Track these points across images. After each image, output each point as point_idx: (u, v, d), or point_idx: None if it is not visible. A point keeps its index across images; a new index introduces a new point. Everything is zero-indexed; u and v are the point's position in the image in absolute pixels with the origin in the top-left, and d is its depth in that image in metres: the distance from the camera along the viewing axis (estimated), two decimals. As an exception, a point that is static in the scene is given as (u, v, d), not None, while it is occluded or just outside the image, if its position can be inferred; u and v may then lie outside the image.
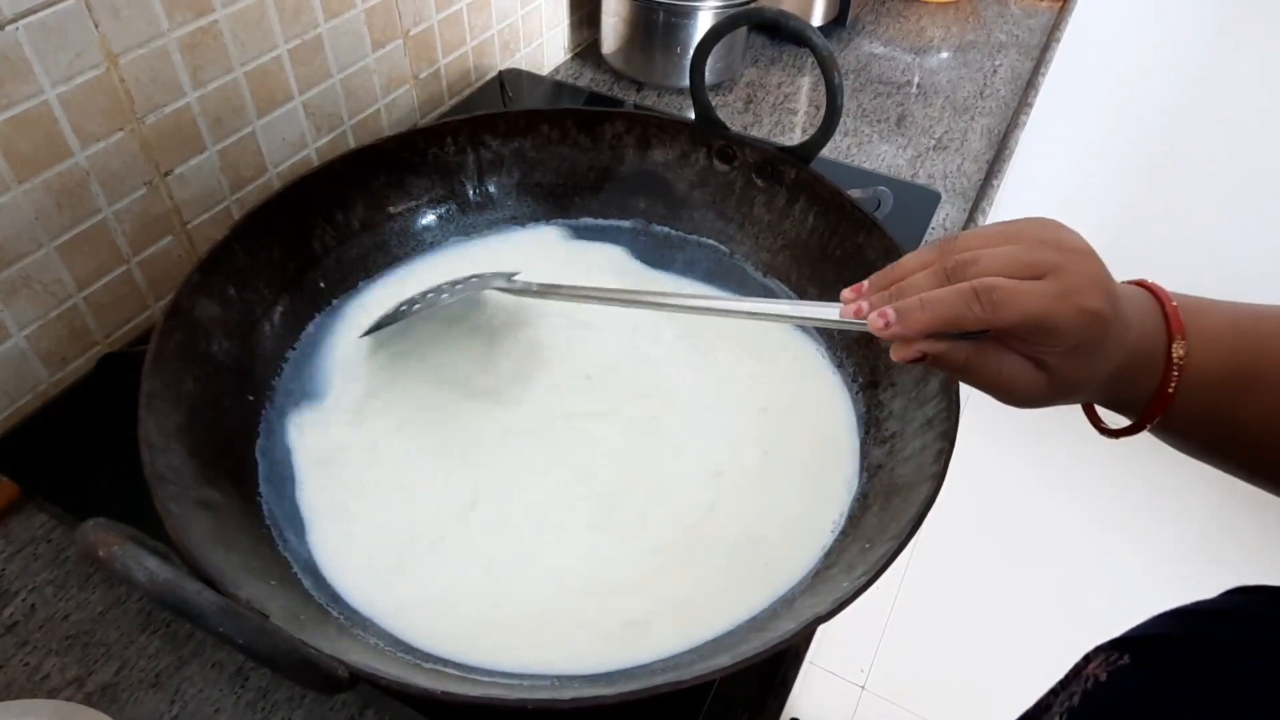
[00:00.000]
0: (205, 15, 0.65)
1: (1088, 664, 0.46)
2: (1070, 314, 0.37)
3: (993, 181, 0.97)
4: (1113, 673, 0.43)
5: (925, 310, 0.38)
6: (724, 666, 0.41)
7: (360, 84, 0.83)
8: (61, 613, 0.57)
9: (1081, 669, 0.46)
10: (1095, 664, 0.45)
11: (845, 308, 0.42)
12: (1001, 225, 0.41)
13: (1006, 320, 0.37)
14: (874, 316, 0.40)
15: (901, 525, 0.48)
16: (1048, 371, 0.40)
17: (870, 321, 0.40)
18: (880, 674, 1.59)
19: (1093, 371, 0.40)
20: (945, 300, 0.38)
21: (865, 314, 0.41)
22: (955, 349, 0.40)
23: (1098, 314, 0.37)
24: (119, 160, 0.64)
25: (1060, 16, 1.34)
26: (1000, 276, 0.37)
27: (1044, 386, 0.40)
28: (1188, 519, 1.85)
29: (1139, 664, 0.42)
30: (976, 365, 0.40)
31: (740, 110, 1.07)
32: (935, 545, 1.73)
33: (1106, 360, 0.40)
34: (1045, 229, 0.40)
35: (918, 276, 0.40)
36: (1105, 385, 0.42)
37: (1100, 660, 0.45)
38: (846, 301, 0.43)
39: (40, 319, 0.62)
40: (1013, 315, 0.37)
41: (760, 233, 0.72)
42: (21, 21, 0.54)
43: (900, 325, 0.39)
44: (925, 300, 0.38)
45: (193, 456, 0.49)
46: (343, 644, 0.44)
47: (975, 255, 0.39)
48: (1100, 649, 0.46)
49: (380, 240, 0.69)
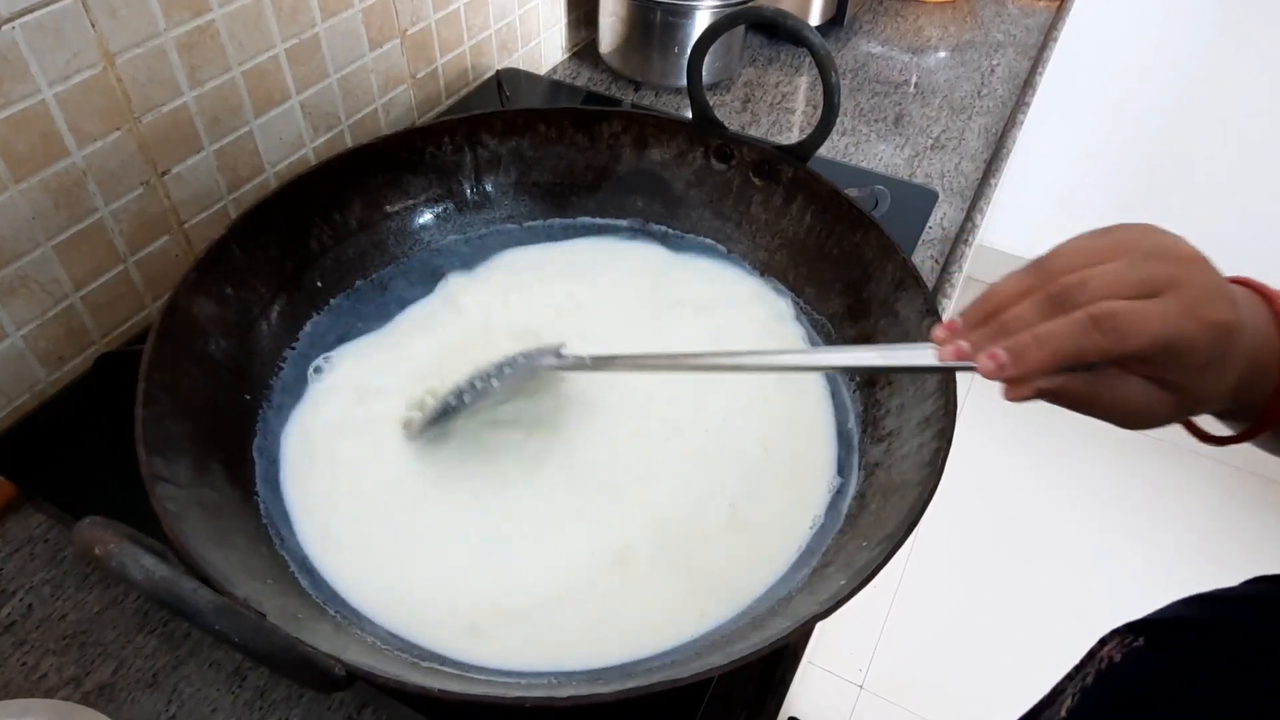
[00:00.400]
0: (202, 14, 0.65)
1: (1102, 646, 0.45)
2: (1199, 330, 0.34)
3: (990, 181, 0.98)
4: (1127, 654, 0.43)
5: (1042, 347, 0.35)
6: (721, 664, 0.41)
7: (358, 83, 0.83)
8: (59, 613, 0.57)
9: (1096, 652, 0.45)
10: (1110, 646, 0.44)
11: (944, 349, 0.38)
12: (1097, 236, 0.38)
13: (1132, 347, 0.34)
14: (983, 359, 0.36)
15: (898, 524, 0.48)
16: (1174, 391, 0.37)
17: (980, 364, 0.36)
18: (879, 673, 1.59)
19: (1221, 384, 0.37)
20: (1062, 333, 0.35)
21: (968, 355, 0.37)
22: (1073, 381, 0.37)
23: (1227, 325, 0.35)
24: (116, 160, 0.64)
25: (1058, 16, 1.34)
26: (1115, 299, 0.34)
27: (1170, 407, 0.37)
28: (1187, 519, 1.86)
29: (1155, 647, 0.42)
30: (1098, 396, 0.37)
31: (738, 109, 1.07)
32: (933, 544, 1.73)
33: (1232, 370, 0.37)
34: (1147, 236, 0.37)
35: (1021, 307, 0.37)
36: (1228, 396, 0.39)
37: (1115, 643, 0.44)
38: (941, 341, 0.39)
39: (38, 318, 0.62)
40: (1139, 341, 0.34)
41: (757, 231, 0.72)
42: (18, 21, 0.54)
43: (1016, 366, 0.35)
44: (1039, 336, 0.35)
45: (189, 456, 0.49)
46: (340, 642, 0.44)
47: (1082, 277, 0.35)
48: (1116, 632, 0.45)
49: (378, 239, 0.69)
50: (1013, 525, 1.84)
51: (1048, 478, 1.93)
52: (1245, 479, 1.91)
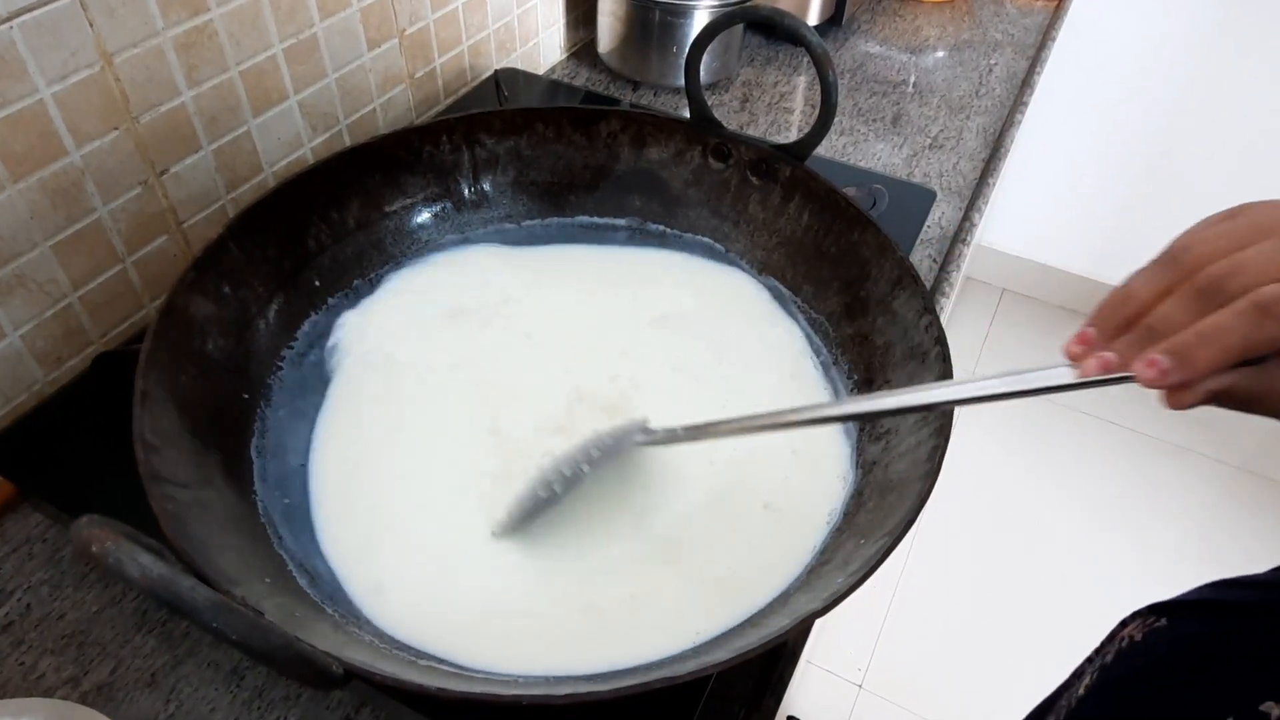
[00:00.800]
0: (200, 14, 0.65)
1: (1124, 628, 0.45)
2: None
3: (988, 180, 0.98)
4: (1149, 633, 0.42)
5: (1209, 345, 0.32)
6: (719, 661, 0.41)
7: (356, 83, 0.83)
8: (57, 612, 0.57)
9: (1117, 633, 0.45)
10: (1132, 626, 0.44)
11: (1087, 365, 0.35)
12: (1227, 219, 0.35)
13: None
14: (1141, 368, 0.33)
15: (896, 521, 0.48)
16: None
17: (1140, 374, 0.33)
18: (878, 672, 1.59)
19: None
20: (1228, 326, 0.32)
21: (1118, 366, 0.35)
22: (1242, 378, 0.34)
23: None
24: (114, 159, 0.64)
25: (1055, 16, 1.34)
26: (1275, 283, 0.31)
27: None
28: (1187, 518, 1.86)
29: (1177, 626, 0.42)
30: (1269, 389, 0.34)
31: (736, 109, 1.07)
32: (932, 543, 1.74)
33: None
34: (1269, 210, 0.34)
35: (1168, 306, 0.34)
36: None
37: (1137, 624, 0.44)
38: (1076, 357, 0.36)
39: (35, 318, 0.62)
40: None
41: (755, 230, 0.72)
42: (15, 20, 0.54)
43: (1183, 370, 0.32)
44: (1204, 333, 0.32)
45: (187, 455, 0.49)
46: (338, 641, 0.44)
47: (1232, 265, 0.33)
48: (1137, 614, 0.45)
49: (376, 239, 0.69)
50: (1011, 523, 1.85)
51: (1046, 476, 1.93)
52: (1245, 478, 1.91)
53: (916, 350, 0.59)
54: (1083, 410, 2.01)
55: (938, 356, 0.56)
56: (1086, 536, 1.83)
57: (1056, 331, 2.20)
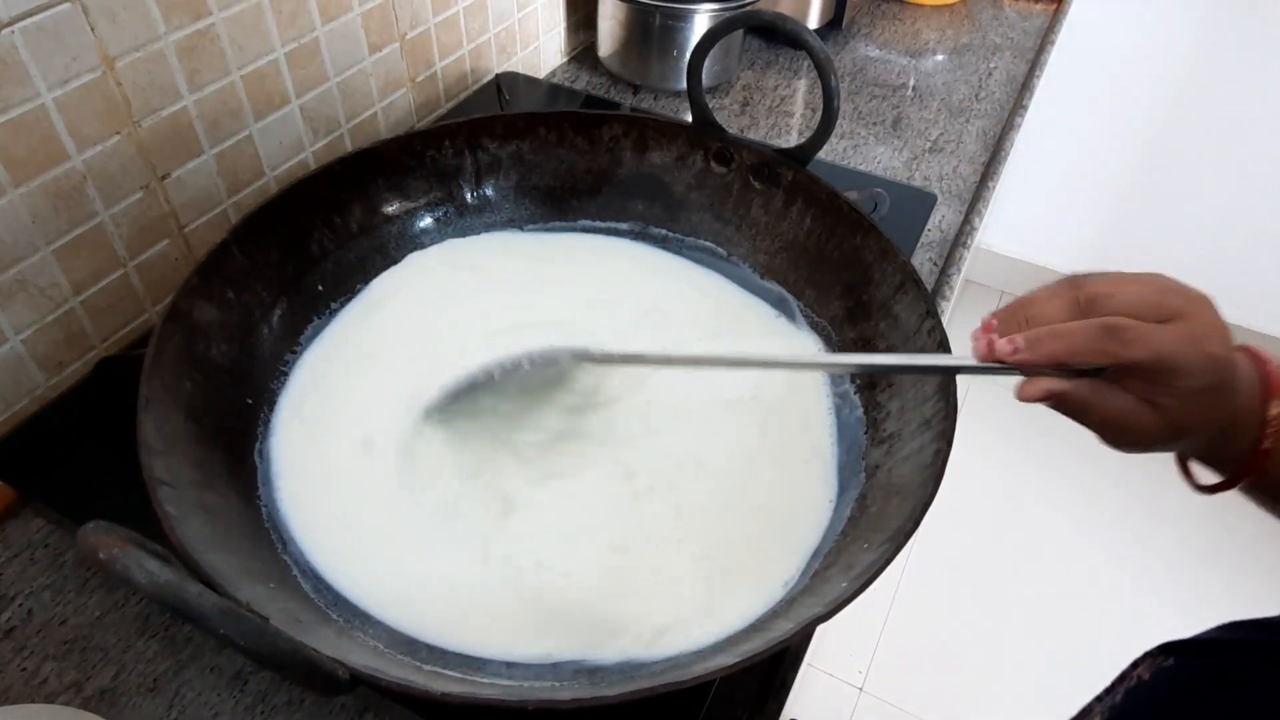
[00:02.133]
0: (202, 19, 0.65)
1: (1134, 668, 0.46)
2: (1197, 357, 0.39)
3: (988, 183, 0.98)
4: (1157, 673, 0.43)
5: (1054, 340, 0.40)
6: (724, 666, 0.41)
7: (357, 87, 0.83)
8: (59, 617, 0.57)
9: (1128, 673, 0.46)
10: (1141, 668, 0.45)
11: (976, 345, 0.43)
12: (1125, 273, 0.42)
13: (1135, 357, 0.38)
14: (1003, 342, 0.41)
15: (899, 525, 0.48)
16: (1163, 414, 0.41)
17: (999, 347, 0.41)
18: (878, 676, 1.59)
19: (1206, 419, 0.41)
20: (1078, 332, 0.39)
21: (997, 348, 0.42)
22: (1078, 387, 0.41)
23: (1222, 360, 0.39)
24: (116, 164, 0.64)
25: (1054, 19, 1.35)
26: (1131, 317, 0.39)
27: (1158, 429, 0.41)
28: (1184, 523, 1.86)
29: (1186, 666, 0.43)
30: (1096, 404, 0.41)
31: (737, 113, 1.07)
32: (933, 548, 1.74)
33: (1219, 411, 0.41)
34: (1169, 279, 0.41)
35: (1050, 306, 0.42)
36: (1209, 438, 0.44)
37: (1147, 664, 0.45)
38: (975, 339, 0.43)
39: (37, 323, 0.62)
40: (1142, 353, 0.38)
41: (758, 234, 0.72)
42: (17, 25, 0.54)
43: (1029, 351, 0.40)
44: (1056, 330, 0.40)
45: (191, 459, 0.49)
46: (343, 646, 0.44)
47: (1110, 291, 0.40)
48: (1148, 654, 0.46)
49: (379, 243, 0.69)
50: (1012, 527, 1.85)
51: (1047, 482, 1.94)
52: (1243, 482, 1.91)
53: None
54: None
55: (940, 361, 0.56)
56: (1086, 541, 1.83)
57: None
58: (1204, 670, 0.41)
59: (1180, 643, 0.45)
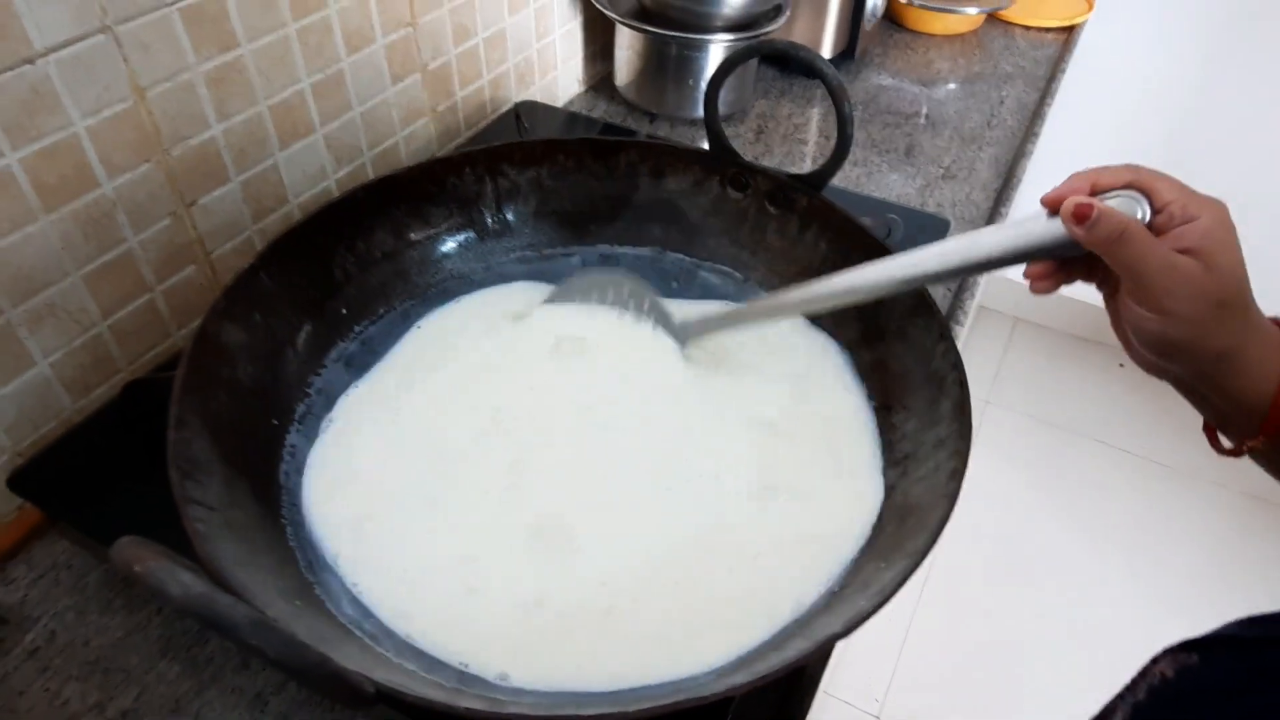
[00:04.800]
0: (231, 50, 0.67)
1: (1155, 664, 0.45)
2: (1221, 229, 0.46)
3: (1001, 210, 0.99)
4: (1181, 671, 0.43)
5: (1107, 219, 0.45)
6: (742, 683, 0.41)
7: (380, 117, 0.85)
8: (82, 638, 0.57)
9: (1149, 669, 0.46)
10: (1163, 664, 0.45)
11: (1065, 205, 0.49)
12: None
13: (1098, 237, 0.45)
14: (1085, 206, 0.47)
15: (916, 545, 0.48)
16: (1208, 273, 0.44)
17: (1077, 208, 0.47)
18: (895, 702, 1.57)
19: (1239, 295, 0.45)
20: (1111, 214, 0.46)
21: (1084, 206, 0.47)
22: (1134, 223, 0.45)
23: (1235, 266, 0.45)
24: (145, 191, 0.65)
25: (1065, 48, 1.36)
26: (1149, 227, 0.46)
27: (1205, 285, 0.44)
28: (1200, 545, 1.84)
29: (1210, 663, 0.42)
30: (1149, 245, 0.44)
31: (751, 141, 1.09)
32: (947, 571, 1.73)
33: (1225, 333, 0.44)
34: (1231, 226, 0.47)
35: None
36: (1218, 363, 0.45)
37: (1168, 660, 0.44)
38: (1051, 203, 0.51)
39: (65, 347, 0.63)
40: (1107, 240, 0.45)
41: (773, 259, 0.73)
42: (52, 55, 0.56)
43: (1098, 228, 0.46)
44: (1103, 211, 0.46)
45: (218, 479, 0.50)
46: (366, 662, 0.44)
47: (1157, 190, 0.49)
48: (1169, 650, 0.45)
49: (401, 268, 0.70)
50: (1026, 551, 1.84)
51: (1061, 503, 1.93)
52: (1258, 506, 1.89)
53: (934, 376, 0.59)
54: (1097, 438, 1.99)
55: (954, 382, 0.57)
56: (1103, 562, 1.81)
57: (1070, 360, 2.20)
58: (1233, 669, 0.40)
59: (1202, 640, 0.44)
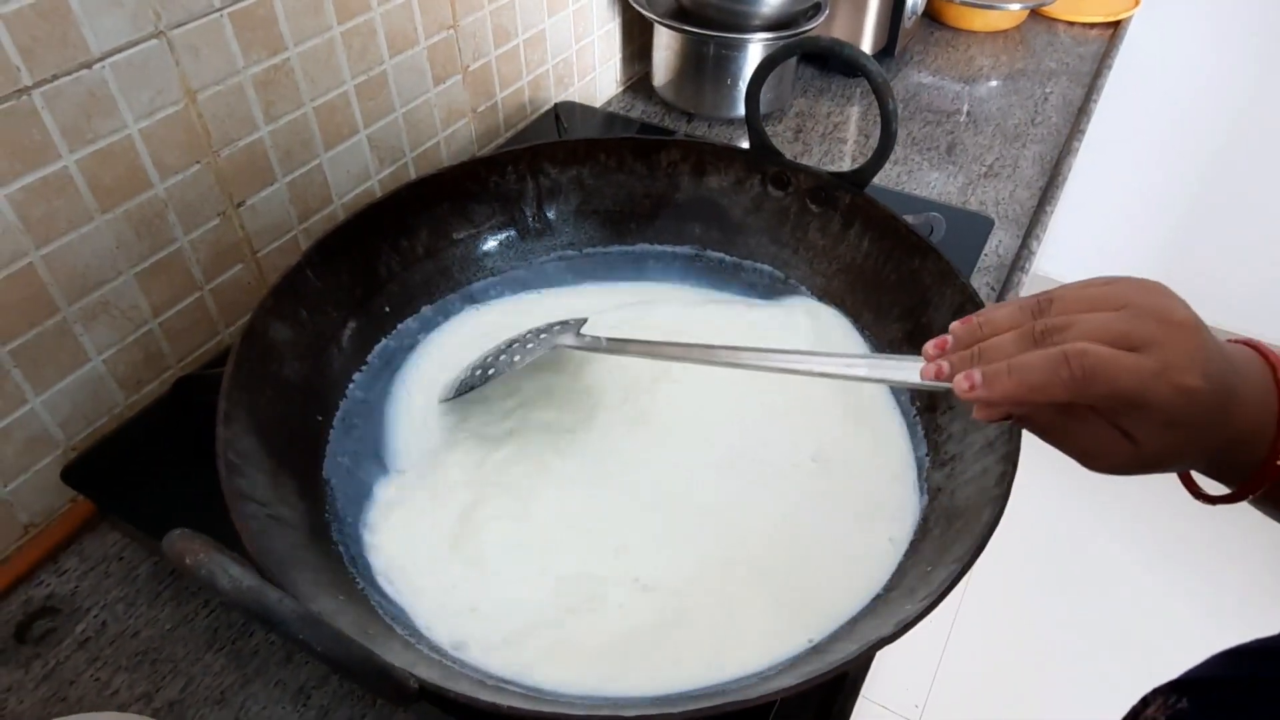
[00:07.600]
0: (278, 54, 0.68)
1: (1145, 707, 0.45)
2: (1165, 392, 0.35)
3: (1046, 208, 0.97)
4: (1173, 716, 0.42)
5: (1012, 376, 0.37)
6: (787, 686, 0.41)
7: (421, 117, 0.86)
8: (131, 629, 0.58)
9: (1139, 712, 0.45)
10: (1154, 707, 0.44)
11: (927, 367, 0.41)
12: (1102, 284, 0.39)
13: (1096, 393, 0.36)
14: (959, 379, 0.38)
15: (964, 549, 0.47)
16: (1137, 444, 0.38)
17: (955, 384, 0.39)
18: (935, 709, 1.55)
19: (1188, 448, 0.38)
20: (1034, 367, 0.36)
21: (947, 374, 0.40)
22: (1041, 412, 0.39)
23: (1194, 392, 0.36)
24: (195, 192, 0.66)
25: (1111, 44, 1.33)
26: (1094, 344, 0.36)
27: (1132, 458, 0.38)
28: (1250, 556, 1.80)
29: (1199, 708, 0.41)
30: (1062, 430, 0.39)
31: (790, 139, 1.08)
32: (990, 579, 1.70)
33: (1208, 437, 0.38)
34: (1150, 295, 0.38)
35: (1005, 337, 0.39)
36: (1206, 459, 0.40)
37: (1158, 704, 0.44)
38: (929, 358, 0.41)
39: (118, 343, 0.65)
40: (1102, 388, 0.35)
41: (815, 258, 0.73)
42: (108, 60, 0.57)
43: (985, 389, 0.37)
44: (1013, 365, 0.37)
45: (265, 474, 0.50)
46: (408, 659, 0.44)
47: (1069, 320, 0.37)
48: (1158, 691, 0.45)
49: (443, 266, 0.71)
50: (1071, 560, 1.80)
51: (1108, 513, 1.89)
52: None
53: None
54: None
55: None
56: (1150, 575, 1.78)
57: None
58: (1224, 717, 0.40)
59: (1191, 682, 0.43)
